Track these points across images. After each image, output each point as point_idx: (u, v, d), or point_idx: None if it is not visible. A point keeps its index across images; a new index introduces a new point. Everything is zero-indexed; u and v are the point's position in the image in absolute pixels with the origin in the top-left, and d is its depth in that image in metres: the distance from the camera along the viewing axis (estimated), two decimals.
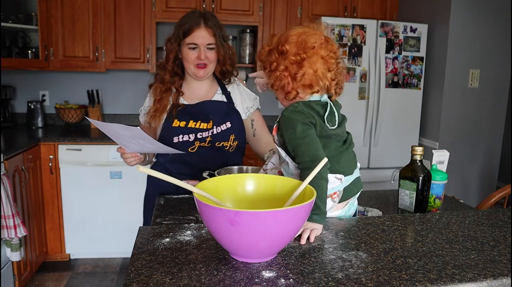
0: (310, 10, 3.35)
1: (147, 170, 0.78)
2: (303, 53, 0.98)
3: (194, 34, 1.47)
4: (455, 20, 2.83)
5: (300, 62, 0.99)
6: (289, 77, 1.01)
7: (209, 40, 1.48)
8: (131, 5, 3.12)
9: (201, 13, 1.52)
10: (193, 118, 1.52)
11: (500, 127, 3.07)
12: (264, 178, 0.97)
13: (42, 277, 2.78)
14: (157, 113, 1.52)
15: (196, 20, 1.48)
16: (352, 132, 1.14)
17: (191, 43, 1.48)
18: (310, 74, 0.99)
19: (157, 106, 1.53)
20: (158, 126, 1.55)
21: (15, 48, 3.05)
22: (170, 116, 1.53)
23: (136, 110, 3.87)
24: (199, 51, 1.48)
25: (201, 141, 1.52)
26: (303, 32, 1.01)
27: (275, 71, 1.02)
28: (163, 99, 1.53)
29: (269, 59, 1.04)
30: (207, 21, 1.48)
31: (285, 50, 1.00)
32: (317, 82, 1.00)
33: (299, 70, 0.99)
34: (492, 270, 0.79)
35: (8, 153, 2.34)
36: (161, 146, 1.35)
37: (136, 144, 1.33)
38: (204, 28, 1.47)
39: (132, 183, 2.95)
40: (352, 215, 1.14)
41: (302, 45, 0.99)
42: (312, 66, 0.99)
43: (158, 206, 1.32)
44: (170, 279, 0.73)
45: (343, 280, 0.73)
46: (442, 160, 1.33)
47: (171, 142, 1.51)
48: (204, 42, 1.48)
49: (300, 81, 1.00)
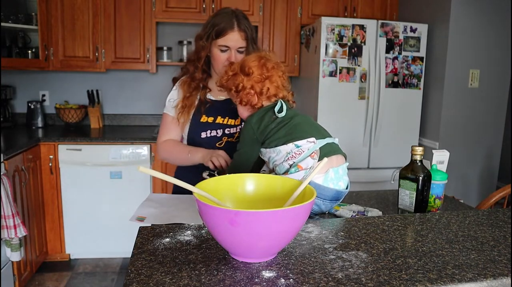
0: (310, 10, 3.35)
1: (147, 170, 0.78)
2: (266, 73, 1.26)
3: (227, 36, 1.46)
4: (455, 20, 2.83)
5: (264, 80, 1.26)
6: (256, 94, 1.26)
7: (241, 43, 1.48)
8: (131, 5, 3.13)
9: (234, 12, 1.50)
10: (221, 114, 1.53)
11: (500, 127, 3.07)
12: (264, 178, 0.97)
13: (42, 277, 2.78)
14: (185, 109, 1.53)
15: (230, 22, 1.47)
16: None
17: (223, 45, 1.47)
18: (273, 88, 1.27)
19: (185, 102, 1.54)
20: (186, 122, 1.56)
21: (15, 48, 3.05)
22: (198, 112, 1.54)
23: (136, 110, 3.89)
24: (230, 54, 1.48)
25: (229, 136, 1.53)
26: (262, 57, 1.28)
27: (242, 90, 1.27)
28: (192, 96, 1.54)
29: (234, 82, 1.28)
30: (240, 24, 1.48)
31: (251, 72, 1.26)
32: (280, 93, 1.28)
33: (264, 86, 1.26)
34: (492, 270, 0.79)
35: (8, 153, 2.34)
36: None
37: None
38: (237, 31, 1.47)
39: (132, 183, 2.95)
40: (345, 188, 1.19)
41: (264, 67, 1.26)
42: (273, 82, 1.27)
43: None
44: (170, 279, 0.73)
45: (343, 280, 0.73)
46: (442, 160, 1.33)
47: (199, 137, 1.53)
48: (236, 45, 1.48)
49: (265, 94, 1.26)
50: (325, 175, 1.15)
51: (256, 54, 1.31)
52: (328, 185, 1.15)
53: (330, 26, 2.83)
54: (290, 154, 1.16)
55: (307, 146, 1.16)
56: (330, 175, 1.15)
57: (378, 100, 2.93)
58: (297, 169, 1.14)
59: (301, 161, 1.15)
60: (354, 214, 1.22)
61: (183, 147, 1.56)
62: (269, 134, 1.21)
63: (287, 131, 1.19)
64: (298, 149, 1.16)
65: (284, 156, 1.17)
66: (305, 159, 1.14)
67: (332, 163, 1.16)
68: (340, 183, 1.17)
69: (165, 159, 1.65)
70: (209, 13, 3.18)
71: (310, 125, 1.24)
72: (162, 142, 1.60)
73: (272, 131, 1.21)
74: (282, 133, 1.19)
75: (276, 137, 1.19)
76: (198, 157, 1.46)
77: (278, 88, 1.28)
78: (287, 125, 1.20)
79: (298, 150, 1.16)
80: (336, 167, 1.17)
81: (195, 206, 0.99)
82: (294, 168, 1.14)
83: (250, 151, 1.26)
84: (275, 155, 1.20)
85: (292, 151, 1.16)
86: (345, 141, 2.69)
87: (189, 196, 1.33)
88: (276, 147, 1.19)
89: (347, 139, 2.91)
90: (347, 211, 1.23)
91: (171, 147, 1.58)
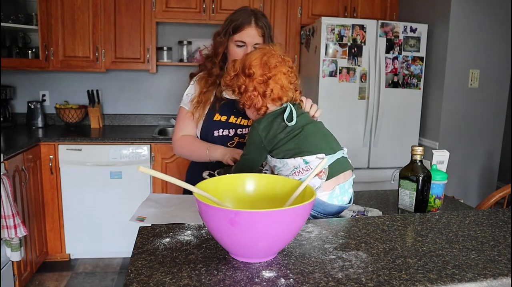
0: (310, 10, 3.35)
1: (147, 170, 0.78)
2: (268, 73, 1.14)
3: (244, 32, 1.48)
4: (455, 20, 2.83)
5: (267, 81, 1.14)
6: (259, 96, 1.16)
7: (257, 40, 1.49)
8: (131, 5, 3.13)
9: (253, 11, 1.52)
10: (234, 113, 1.53)
11: (500, 127, 3.07)
12: (264, 178, 0.97)
13: (42, 277, 2.78)
14: (200, 104, 1.53)
15: (248, 18, 1.48)
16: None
17: (239, 40, 1.48)
18: (278, 89, 1.15)
19: (201, 97, 1.53)
20: (201, 117, 1.56)
21: (15, 48, 3.05)
22: (213, 109, 1.54)
23: (136, 110, 3.88)
24: (246, 50, 1.48)
25: (240, 137, 1.53)
26: (264, 54, 1.17)
27: (245, 92, 1.17)
28: (208, 91, 1.54)
29: (237, 83, 1.18)
30: (257, 20, 1.49)
31: (252, 73, 1.15)
32: (285, 94, 1.17)
33: (267, 87, 1.14)
34: (492, 270, 0.79)
35: (8, 153, 2.34)
36: None
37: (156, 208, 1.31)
38: (254, 27, 1.48)
39: (132, 183, 2.95)
40: (347, 203, 1.16)
41: (266, 65, 1.15)
42: (278, 82, 1.15)
43: None
44: (170, 279, 0.73)
45: (343, 280, 0.73)
46: (442, 160, 1.33)
47: (212, 135, 1.53)
48: (252, 41, 1.48)
49: (269, 96, 1.15)
50: (331, 192, 1.11)
51: (259, 50, 1.21)
52: (333, 201, 1.12)
53: (330, 26, 2.83)
54: (298, 169, 1.10)
55: (316, 163, 1.09)
56: (336, 192, 1.12)
57: (378, 100, 2.93)
58: None
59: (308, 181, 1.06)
60: (354, 214, 1.22)
61: (201, 143, 1.55)
62: (278, 144, 1.13)
63: (296, 144, 1.11)
64: (306, 166, 1.09)
65: (290, 170, 1.11)
66: (312, 180, 1.07)
67: (339, 180, 1.12)
68: (344, 198, 1.14)
69: (181, 154, 1.65)
70: (209, 13, 3.19)
71: (321, 137, 1.16)
72: (179, 138, 1.60)
73: (282, 141, 1.13)
74: (292, 145, 1.12)
75: (285, 149, 1.12)
76: (217, 154, 1.45)
77: (283, 88, 1.16)
78: (298, 136, 1.13)
79: (306, 167, 1.09)
80: (342, 183, 1.13)
81: (195, 206, 0.99)
82: None
83: (258, 157, 1.18)
84: (282, 166, 1.13)
85: (299, 166, 1.09)
86: (345, 141, 2.68)
87: (189, 196, 1.33)
88: (283, 159, 1.12)
89: (347, 139, 2.91)
90: (347, 211, 1.23)
91: (189, 143, 1.58)
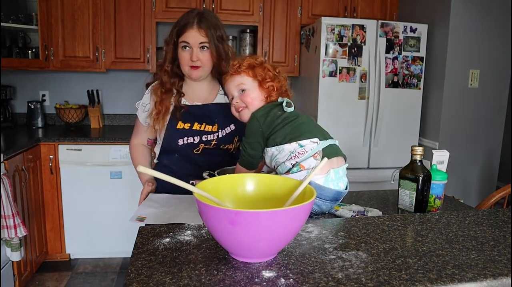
0: (310, 10, 3.35)
1: (148, 170, 0.78)
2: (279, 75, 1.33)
3: (186, 33, 1.46)
4: (455, 20, 2.83)
5: (284, 80, 1.33)
6: (275, 89, 1.30)
7: (201, 39, 1.46)
8: (131, 5, 3.13)
9: (198, 12, 1.49)
10: (197, 120, 1.52)
11: (500, 127, 3.07)
12: (264, 178, 0.97)
13: (42, 277, 2.78)
14: (160, 115, 1.51)
15: (191, 20, 1.46)
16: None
17: (183, 41, 1.46)
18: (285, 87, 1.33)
19: (159, 108, 1.51)
20: (162, 128, 1.53)
21: (15, 48, 3.05)
22: (174, 118, 1.52)
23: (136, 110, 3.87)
24: (191, 52, 1.46)
25: (206, 143, 1.51)
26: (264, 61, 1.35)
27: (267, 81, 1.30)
28: (164, 100, 1.52)
29: (263, 71, 1.30)
30: (201, 21, 1.46)
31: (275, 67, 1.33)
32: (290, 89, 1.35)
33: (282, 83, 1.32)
34: (492, 270, 0.79)
35: (8, 153, 2.34)
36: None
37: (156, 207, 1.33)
38: (196, 28, 1.45)
39: (132, 183, 2.94)
40: (344, 189, 1.19)
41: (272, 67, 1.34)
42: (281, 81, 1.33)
43: None
44: (170, 279, 0.73)
45: (343, 280, 0.73)
46: (442, 160, 1.33)
47: (176, 143, 1.50)
48: (196, 41, 1.46)
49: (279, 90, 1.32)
50: (326, 176, 1.15)
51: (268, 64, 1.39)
52: (328, 185, 1.15)
53: (330, 26, 2.83)
54: (293, 153, 1.17)
55: (311, 147, 1.16)
56: (331, 176, 1.16)
57: (378, 100, 2.93)
58: (299, 168, 1.14)
59: (304, 161, 1.15)
60: (354, 214, 1.23)
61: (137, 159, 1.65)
62: (275, 129, 1.21)
63: (292, 129, 1.20)
64: (301, 149, 1.16)
65: (287, 155, 1.18)
66: (308, 159, 1.15)
67: (333, 165, 1.17)
68: (340, 184, 1.18)
69: None
70: None
71: (314, 125, 1.26)
72: (131, 145, 1.69)
73: (278, 126, 1.21)
74: (288, 130, 1.20)
75: (281, 133, 1.20)
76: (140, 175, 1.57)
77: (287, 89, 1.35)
78: (293, 122, 1.22)
79: (301, 150, 1.16)
80: (336, 168, 1.17)
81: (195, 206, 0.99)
82: (296, 167, 1.15)
83: (257, 144, 1.25)
84: (278, 153, 1.20)
85: (295, 150, 1.17)
86: (345, 141, 2.69)
87: (189, 196, 1.33)
88: (280, 145, 1.19)
89: (347, 139, 2.91)
90: (347, 211, 1.23)
91: (133, 155, 1.67)
